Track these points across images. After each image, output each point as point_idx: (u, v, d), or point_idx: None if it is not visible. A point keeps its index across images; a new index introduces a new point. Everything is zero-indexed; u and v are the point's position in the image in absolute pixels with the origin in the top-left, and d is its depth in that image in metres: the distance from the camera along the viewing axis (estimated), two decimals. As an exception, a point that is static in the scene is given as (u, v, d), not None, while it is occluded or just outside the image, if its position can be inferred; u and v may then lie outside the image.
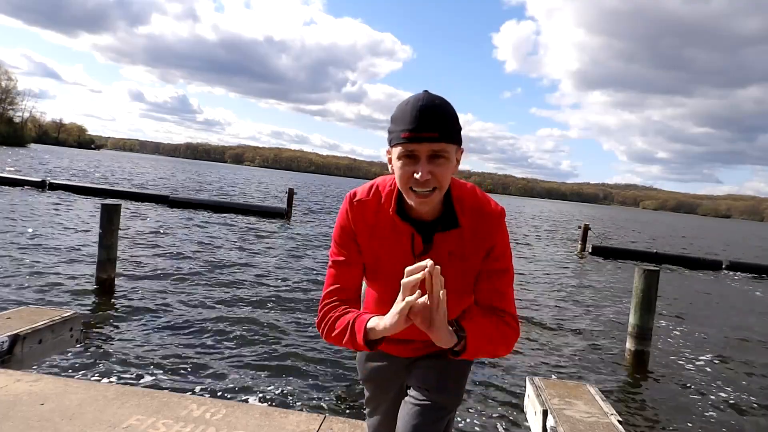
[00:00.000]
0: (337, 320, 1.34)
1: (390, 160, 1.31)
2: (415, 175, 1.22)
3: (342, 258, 1.42)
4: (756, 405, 5.65)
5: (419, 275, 1.09)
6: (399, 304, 1.13)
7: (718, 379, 6.36)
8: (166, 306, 6.89)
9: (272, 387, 4.76)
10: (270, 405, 4.23)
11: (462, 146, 1.31)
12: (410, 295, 1.10)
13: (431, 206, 1.29)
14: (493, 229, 1.35)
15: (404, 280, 1.11)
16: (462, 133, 1.34)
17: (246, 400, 4.37)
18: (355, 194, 1.42)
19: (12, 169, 29.07)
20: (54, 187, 21.67)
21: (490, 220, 1.35)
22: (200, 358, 5.23)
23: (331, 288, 1.41)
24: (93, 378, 4.45)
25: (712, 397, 5.77)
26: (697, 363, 6.95)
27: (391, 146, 1.29)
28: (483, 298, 1.38)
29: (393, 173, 1.32)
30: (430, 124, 1.20)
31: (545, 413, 2.98)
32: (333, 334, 1.33)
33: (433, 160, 1.23)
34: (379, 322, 1.21)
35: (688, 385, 6.10)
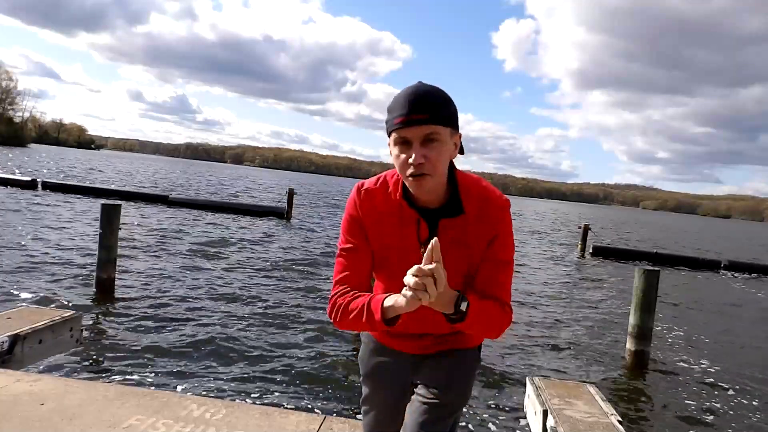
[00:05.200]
0: (349, 304, 1.35)
1: (391, 152, 1.34)
2: (409, 159, 1.25)
3: (350, 245, 1.43)
4: (756, 404, 5.65)
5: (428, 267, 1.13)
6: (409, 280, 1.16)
7: (717, 379, 6.36)
8: (166, 306, 6.90)
9: (272, 387, 4.76)
10: (270, 405, 4.23)
11: (459, 131, 1.33)
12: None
13: (427, 191, 1.30)
14: (498, 219, 1.36)
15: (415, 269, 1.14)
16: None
17: (246, 400, 4.37)
18: (363, 184, 1.44)
19: (18, 170, 29.03)
20: (47, 186, 21.57)
21: (496, 209, 1.36)
22: (200, 358, 5.24)
23: (341, 276, 1.42)
24: (93, 378, 4.44)
25: (712, 396, 5.77)
26: (697, 363, 6.95)
27: (389, 136, 1.32)
28: (481, 287, 1.39)
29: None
30: (420, 108, 1.24)
31: (545, 413, 2.98)
32: (349, 318, 1.34)
33: (427, 144, 1.25)
34: (397, 299, 1.23)
35: (688, 384, 6.10)
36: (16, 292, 6.72)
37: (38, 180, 22.06)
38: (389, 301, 1.25)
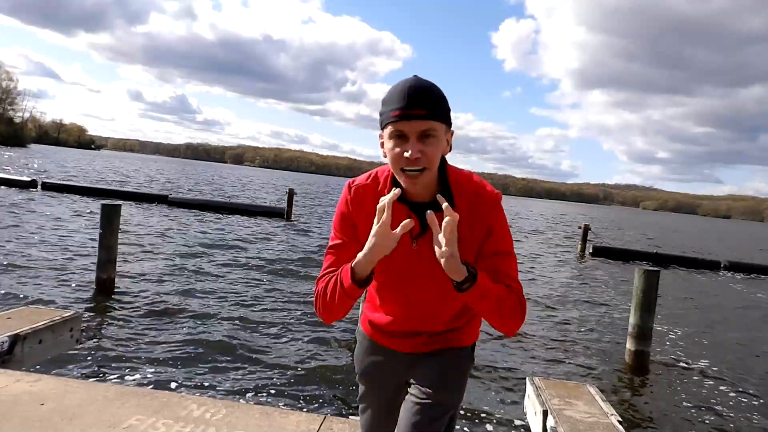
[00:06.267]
0: (327, 285, 1.35)
1: (382, 144, 1.33)
2: (405, 153, 1.25)
3: (339, 242, 1.44)
4: (755, 404, 5.65)
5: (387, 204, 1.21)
6: (375, 225, 1.23)
7: (717, 379, 6.36)
8: (165, 306, 6.89)
9: (272, 387, 4.76)
10: (270, 405, 4.23)
11: (452, 129, 1.33)
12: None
13: (422, 186, 1.30)
14: (490, 212, 1.37)
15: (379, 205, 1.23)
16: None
17: (246, 400, 4.37)
18: (354, 181, 1.45)
19: (9, 168, 29.00)
20: (47, 187, 21.51)
21: (487, 202, 1.37)
22: (200, 358, 5.23)
23: (327, 271, 1.43)
24: (93, 378, 4.45)
25: (712, 396, 5.77)
26: (697, 363, 6.95)
27: (382, 128, 1.31)
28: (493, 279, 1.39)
29: (386, 156, 1.34)
30: (418, 103, 1.24)
31: (545, 413, 2.98)
32: (327, 299, 1.34)
33: (423, 139, 1.25)
34: (360, 253, 1.27)
35: (688, 385, 6.10)
36: (16, 292, 6.72)
37: (38, 180, 22.03)
38: (356, 258, 1.28)
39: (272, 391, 4.67)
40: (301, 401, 4.54)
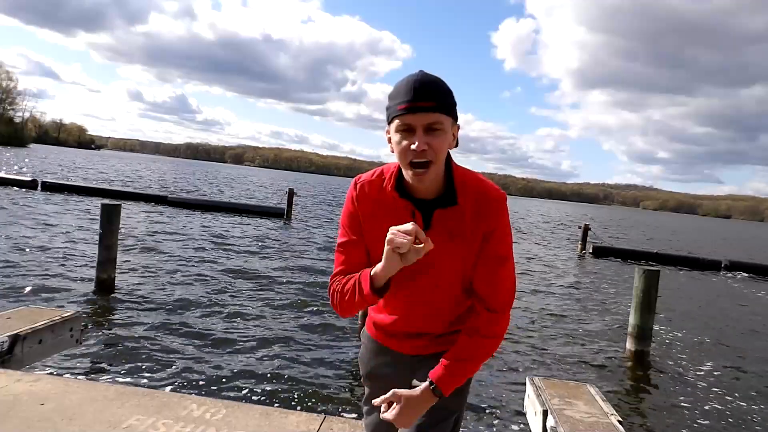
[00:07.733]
0: (345, 285, 1.38)
1: (389, 139, 1.33)
2: (411, 146, 1.25)
3: (348, 239, 1.44)
4: (755, 404, 5.65)
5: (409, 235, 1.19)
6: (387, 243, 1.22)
7: (717, 379, 6.36)
8: (165, 306, 6.90)
9: (272, 387, 4.76)
10: (270, 405, 4.23)
11: (458, 123, 1.33)
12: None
13: (428, 181, 1.30)
14: (495, 213, 1.36)
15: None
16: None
17: (246, 400, 4.36)
18: (360, 177, 1.45)
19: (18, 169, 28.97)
20: (47, 186, 21.50)
21: (492, 202, 1.36)
22: (200, 358, 5.23)
23: (339, 269, 1.44)
24: (93, 378, 4.44)
25: (712, 397, 5.77)
26: (697, 363, 6.95)
27: (389, 122, 1.31)
28: (480, 287, 1.39)
29: (393, 150, 1.34)
30: (425, 96, 1.24)
31: (545, 413, 2.98)
32: (345, 299, 1.37)
33: (430, 132, 1.26)
34: (378, 265, 1.27)
35: (688, 385, 6.10)
36: (16, 292, 6.72)
37: (38, 180, 22.03)
38: (375, 269, 1.28)
39: (272, 391, 4.67)
40: (301, 401, 4.55)
